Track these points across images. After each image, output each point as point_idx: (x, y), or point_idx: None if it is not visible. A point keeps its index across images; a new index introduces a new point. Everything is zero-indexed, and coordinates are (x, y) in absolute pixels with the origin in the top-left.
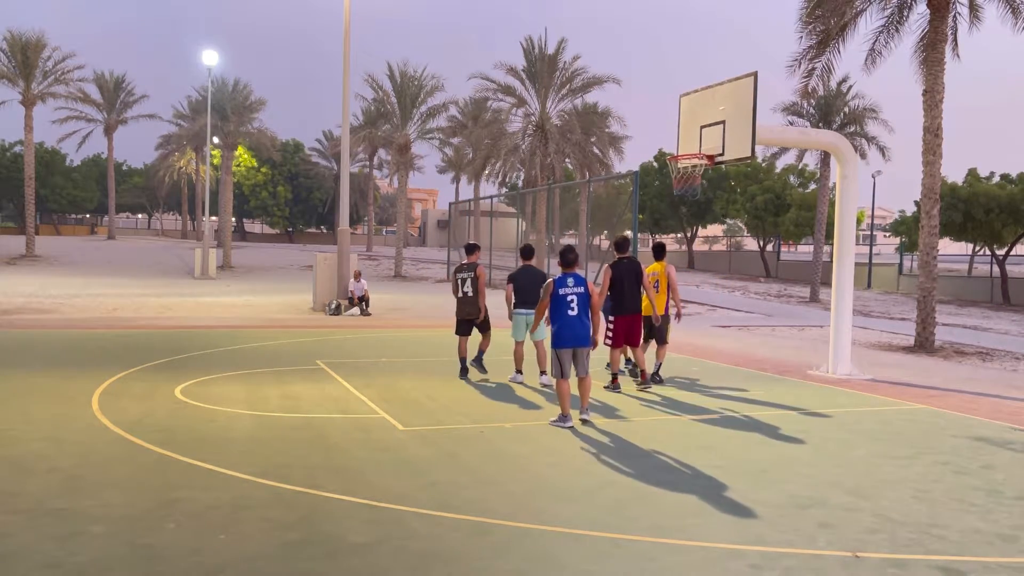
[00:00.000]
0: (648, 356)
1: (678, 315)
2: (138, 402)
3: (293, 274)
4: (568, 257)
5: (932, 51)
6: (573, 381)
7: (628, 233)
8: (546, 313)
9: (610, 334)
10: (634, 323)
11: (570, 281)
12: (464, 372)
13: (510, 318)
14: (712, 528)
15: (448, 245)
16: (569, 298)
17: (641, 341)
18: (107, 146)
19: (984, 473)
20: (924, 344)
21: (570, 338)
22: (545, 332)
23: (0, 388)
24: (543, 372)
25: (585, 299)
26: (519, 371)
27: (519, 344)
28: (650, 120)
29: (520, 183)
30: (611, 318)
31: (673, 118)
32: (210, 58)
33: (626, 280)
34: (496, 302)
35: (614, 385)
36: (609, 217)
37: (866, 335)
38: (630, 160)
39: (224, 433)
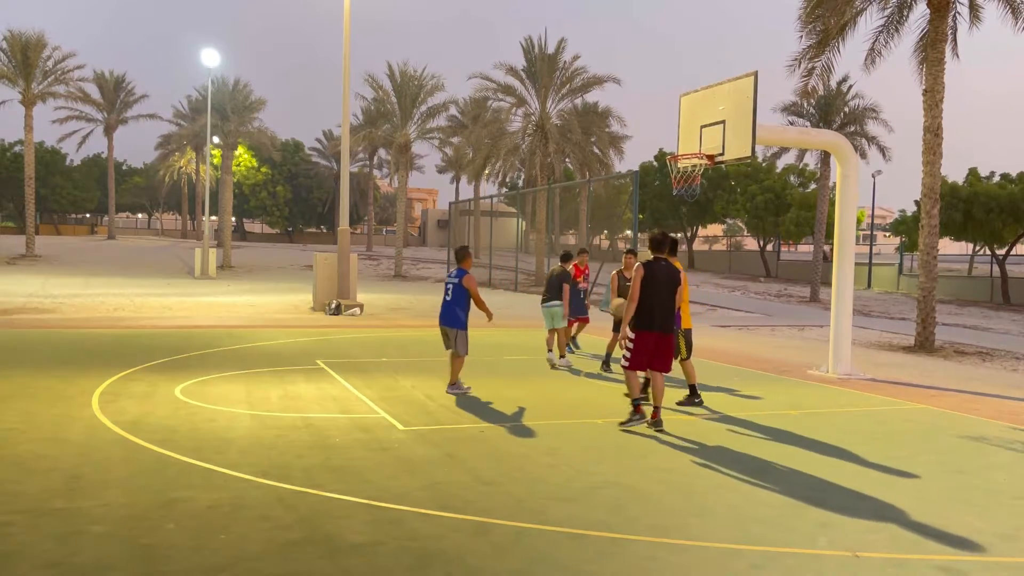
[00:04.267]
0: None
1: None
2: (138, 402)
3: (293, 274)
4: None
5: (932, 51)
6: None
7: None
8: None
9: (628, 352)
10: (661, 343)
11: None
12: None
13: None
14: (712, 528)
15: (448, 245)
16: None
17: (671, 366)
18: (107, 146)
19: (984, 473)
20: (924, 344)
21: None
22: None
23: (0, 388)
24: (562, 356)
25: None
26: (562, 355)
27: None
28: (650, 120)
29: (520, 183)
30: (632, 335)
31: (673, 117)
32: (210, 58)
33: (655, 287)
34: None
35: (637, 415)
36: (609, 217)
37: (866, 335)
38: (630, 160)
39: (224, 433)
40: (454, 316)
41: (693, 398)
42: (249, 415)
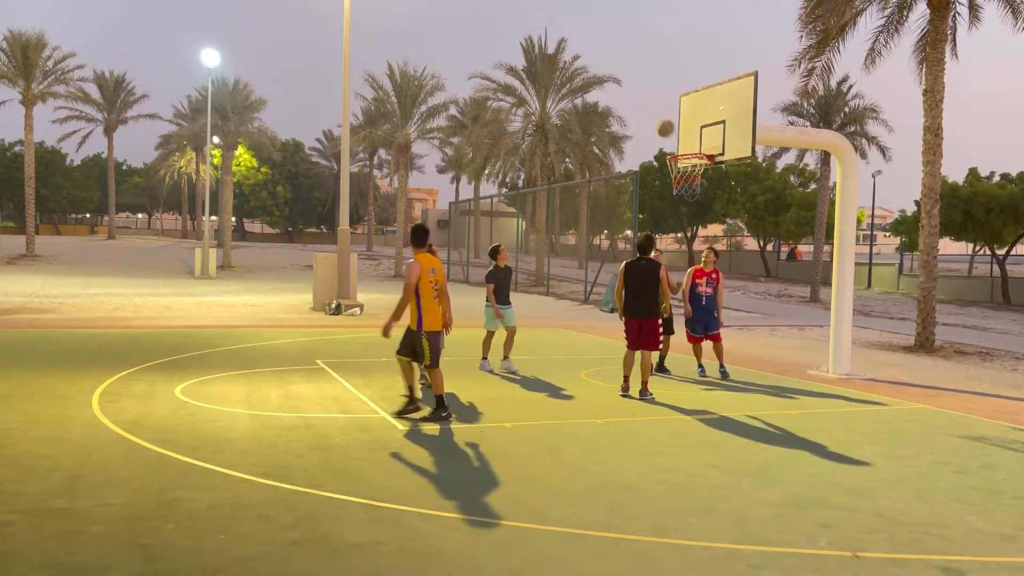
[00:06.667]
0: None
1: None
2: (138, 402)
3: (293, 274)
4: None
5: (932, 51)
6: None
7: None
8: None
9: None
10: (643, 326)
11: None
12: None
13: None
14: (712, 528)
15: (448, 245)
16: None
17: (659, 346)
18: (107, 146)
19: (984, 473)
20: (924, 344)
21: None
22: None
23: (0, 388)
24: (506, 357)
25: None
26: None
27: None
28: (651, 119)
29: (520, 183)
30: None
31: (674, 117)
32: (210, 58)
33: (635, 281)
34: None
35: (624, 388)
36: (609, 217)
37: (866, 335)
38: (630, 160)
39: (224, 433)
40: None
41: (440, 411)
42: (249, 415)
